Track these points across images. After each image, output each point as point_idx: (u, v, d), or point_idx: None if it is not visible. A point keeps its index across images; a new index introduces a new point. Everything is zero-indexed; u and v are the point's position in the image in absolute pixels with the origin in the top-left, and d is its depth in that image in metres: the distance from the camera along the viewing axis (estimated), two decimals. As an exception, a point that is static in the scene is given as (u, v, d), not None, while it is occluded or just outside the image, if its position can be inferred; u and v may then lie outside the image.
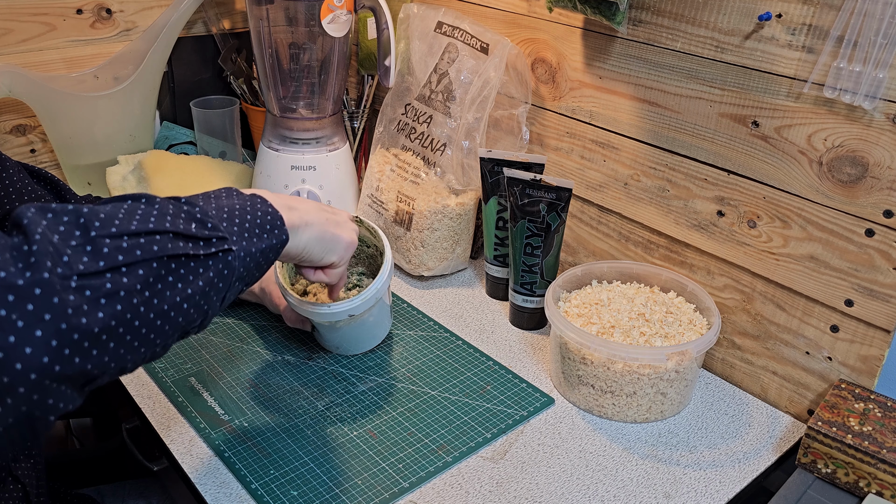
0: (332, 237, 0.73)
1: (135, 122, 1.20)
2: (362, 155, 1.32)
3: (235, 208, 0.61)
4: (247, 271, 0.60)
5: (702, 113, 0.86)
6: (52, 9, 1.14)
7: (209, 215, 0.57)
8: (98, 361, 0.47)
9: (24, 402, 0.43)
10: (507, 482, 0.75)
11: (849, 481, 0.73)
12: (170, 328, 0.53)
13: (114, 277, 0.48)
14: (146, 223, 0.52)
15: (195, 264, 0.54)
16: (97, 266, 0.47)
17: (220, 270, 0.56)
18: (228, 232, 0.58)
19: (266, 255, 0.62)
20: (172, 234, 0.53)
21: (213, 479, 0.74)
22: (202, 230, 0.56)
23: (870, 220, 0.75)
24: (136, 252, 0.50)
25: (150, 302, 0.50)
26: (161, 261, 0.51)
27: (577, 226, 1.06)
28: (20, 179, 0.80)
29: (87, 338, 0.46)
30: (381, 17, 1.08)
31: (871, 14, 0.68)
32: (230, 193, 0.63)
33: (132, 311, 0.49)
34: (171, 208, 0.55)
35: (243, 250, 0.59)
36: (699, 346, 0.80)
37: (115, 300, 0.48)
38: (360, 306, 0.82)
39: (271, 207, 0.64)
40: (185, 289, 0.53)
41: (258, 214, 0.62)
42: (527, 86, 1.04)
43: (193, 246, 0.54)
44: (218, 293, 0.57)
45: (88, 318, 0.46)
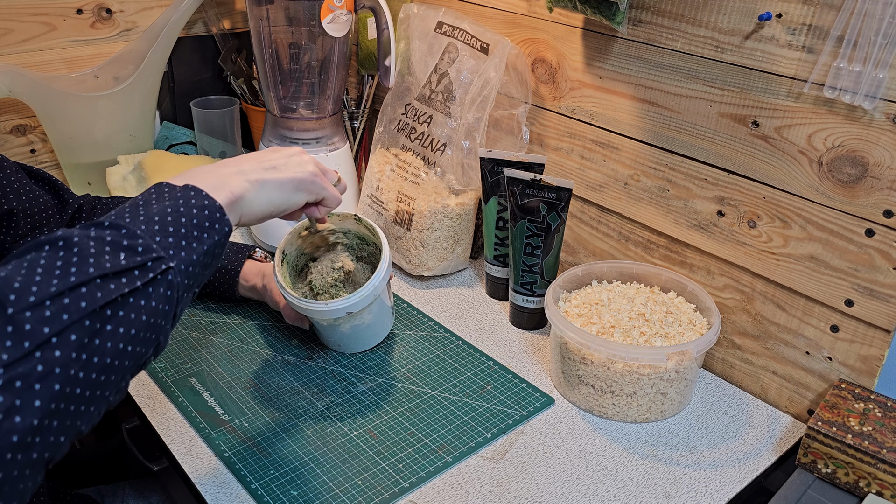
0: (291, 181, 0.67)
1: (135, 122, 1.20)
2: (362, 155, 1.32)
3: (167, 213, 0.55)
4: (192, 279, 0.55)
5: (702, 113, 0.86)
6: (52, 9, 1.14)
7: (137, 234, 0.52)
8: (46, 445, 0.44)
9: None
10: (507, 482, 0.75)
11: (849, 481, 0.73)
12: (116, 377, 0.49)
13: (44, 355, 0.43)
14: (67, 277, 0.46)
15: (134, 299, 0.49)
16: (22, 349, 0.43)
17: (163, 293, 0.52)
18: (163, 247, 0.53)
19: (212, 253, 0.57)
20: (100, 279, 0.48)
21: (213, 479, 0.74)
22: (133, 258, 0.50)
23: (870, 220, 0.75)
24: (63, 317, 0.45)
25: (89, 363, 0.46)
26: (93, 314, 0.46)
27: (577, 226, 1.06)
28: (18, 180, 0.80)
29: (28, 433, 0.42)
30: (381, 17, 1.08)
31: (871, 14, 0.68)
32: (160, 193, 0.57)
33: (71, 382, 0.45)
34: (92, 246, 0.49)
35: (183, 262, 0.54)
36: (699, 346, 0.80)
37: (50, 380, 0.43)
38: (358, 304, 0.83)
39: (207, 199, 0.58)
40: (128, 330, 0.49)
41: (193, 213, 0.56)
42: (527, 86, 1.04)
43: (128, 280, 0.49)
44: (165, 316, 0.52)
45: (23, 413, 0.42)
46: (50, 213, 0.83)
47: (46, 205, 0.83)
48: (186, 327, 0.95)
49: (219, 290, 0.98)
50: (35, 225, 0.82)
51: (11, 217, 0.79)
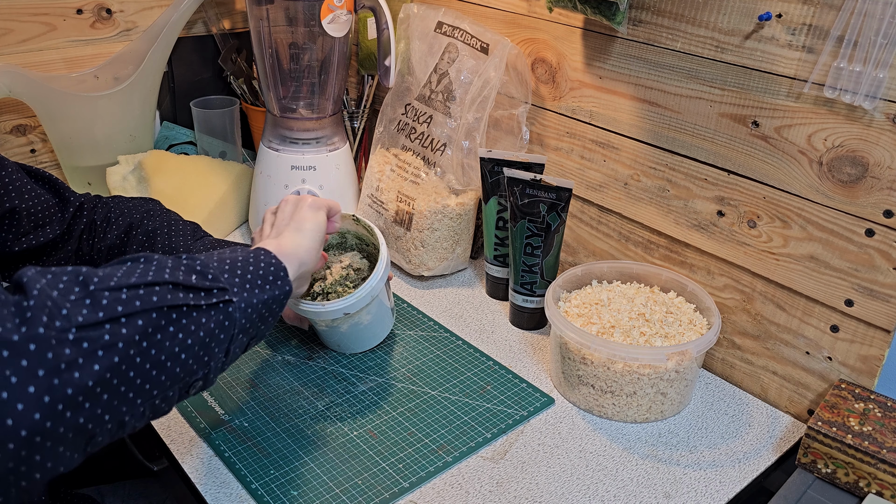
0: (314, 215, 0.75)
1: (135, 122, 1.20)
2: (362, 155, 1.32)
3: (238, 261, 0.62)
4: (250, 323, 0.60)
5: (702, 113, 0.86)
6: (52, 9, 1.14)
7: (209, 267, 0.58)
8: (91, 415, 0.47)
9: (11, 458, 0.43)
10: (507, 482, 0.75)
11: (849, 481, 0.73)
12: (166, 378, 0.53)
13: (113, 328, 0.48)
14: (146, 276, 0.53)
15: (196, 314, 0.55)
16: (96, 317, 0.48)
17: (221, 321, 0.57)
18: (229, 283, 0.59)
19: (269, 306, 0.63)
20: (172, 285, 0.54)
21: (213, 479, 0.74)
22: (202, 281, 0.56)
23: (870, 220, 0.75)
24: (136, 303, 0.51)
25: (148, 352, 0.51)
26: (160, 311, 0.52)
27: (577, 226, 1.06)
28: (19, 178, 0.80)
29: (81, 392, 0.46)
30: (381, 17, 1.08)
31: (871, 14, 0.68)
32: (234, 249, 0.64)
33: (128, 361, 0.49)
34: (170, 262, 0.56)
35: (244, 301, 0.59)
36: (699, 346, 0.80)
37: (113, 352, 0.48)
38: (356, 304, 0.83)
39: (274, 259, 0.65)
40: (184, 339, 0.54)
41: (261, 266, 0.63)
42: (527, 86, 1.04)
43: (194, 296, 0.55)
44: (220, 344, 0.57)
45: (83, 371, 0.46)
46: (51, 211, 0.83)
47: (47, 203, 0.83)
48: (186, 327, 0.95)
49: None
50: (37, 223, 0.82)
51: (13, 215, 0.79)
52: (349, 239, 0.93)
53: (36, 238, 0.82)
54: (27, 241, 0.81)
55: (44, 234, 0.82)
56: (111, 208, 0.88)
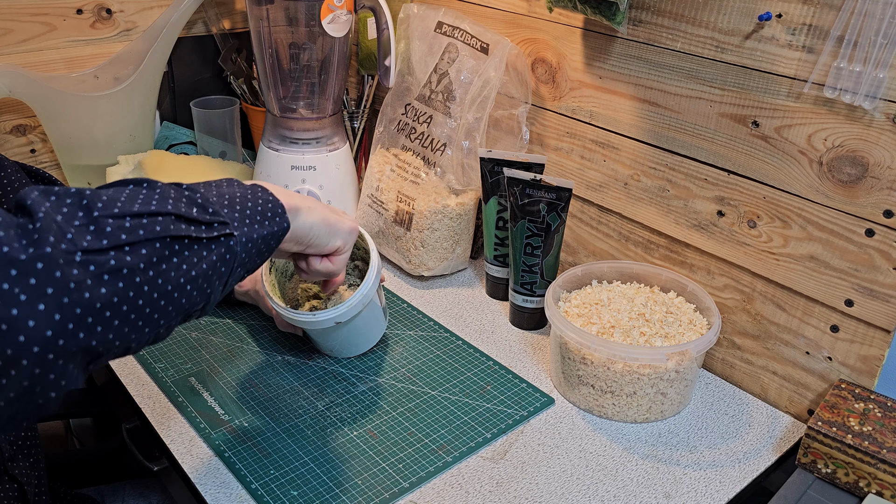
0: (336, 220, 0.73)
1: (135, 122, 1.20)
2: (362, 155, 1.32)
3: (237, 196, 0.61)
4: (248, 257, 0.61)
5: (702, 113, 0.86)
6: (52, 9, 1.14)
7: (210, 201, 0.58)
8: (102, 338, 0.47)
9: (26, 376, 0.43)
10: (507, 482, 0.75)
11: (849, 481, 0.73)
12: (173, 309, 0.53)
13: (117, 255, 0.48)
14: (148, 205, 0.53)
15: (198, 247, 0.55)
16: (101, 244, 0.48)
17: (223, 254, 0.57)
18: (230, 218, 0.59)
19: (267, 242, 0.63)
20: (175, 217, 0.54)
21: (213, 479, 0.74)
22: (203, 214, 0.56)
23: (870, 220, 0.75)
24: (140, 232, 0.50)
25: (154, 281, 0.51)
26: (164, 241, 0.52)
27: (577, 226, 1.06)
28: (18, 179, 0.80)
29: (90, 313, 0.46)
30: (381, 17, 1.08)
31: (871, 14, 0.68)
32: (231, 183, 0.64)
33: (135, 289, 0.49)
34: (172, 192, 0.55)
35: (245, 236, 0.59)
36: (699, 346, 0.80)
37: (119, 277, 0.48)
38: (347, 313, 0.82)
39: (272, 196, 0.64)
40: (189, 270, 0.54)
41: (259, 202, 0.62)
42: (527, 86, 1.04)
43: (196, 229, 0.55)
44: (220, 277, 0.57)
45: (91, 293, 0.46)
46: (50, 212, 0.83)
47: None
48: (186, 327, 0.95)
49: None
50: (35, 224, 0.82)
51: (12, 216, 0.79)
52: None
53: None
54: None
55: None
56: None
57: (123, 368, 0.88)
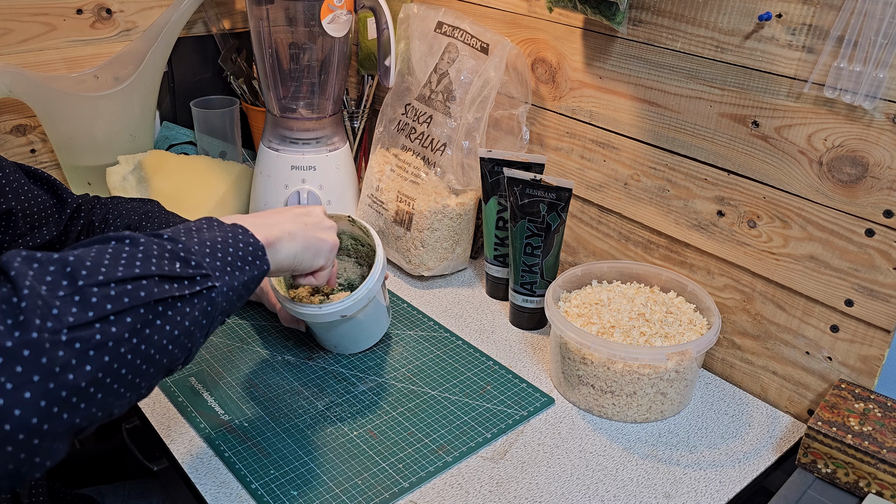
0: (317, 242, 0.74)
1: (135, 122, 1.20)
2: (362, 155, 1.32)
3: (217, 241, 0.61)
4: (229, 304, 0.61)
5: (702, 113, 0.86)
6: (52, 9, 1.13)
7: (192, 252, 0.58)
8: (86, 414, 0.48)
9: (11, 460, 0.44)
10: (507, 482, 0.75)
11: (849, 481, 0.73)
12: (154, 370, 0.53)
13: (103, 327, 0.48)
14: (132, 268, 0.52)
15: (181, 304, 0.55)
16: (86, 317, 0.48)
17: (205, 308, 0.57)
18: (211, 268, 0.58)
19: (248, 287, 0.63)
20: (158, 277, 0.53)
21: (213, 479, 0.74)
22: (186, 269, 0.56)
23: (870, 220, 0.75)
24: (125, 299, 0.50)
25: (138, 348, 0.51)
26: (148, 306, 0.52)
27: (577, 226, 1.06)
28: (16, 179, 0.80)
29: (76, 393, 0.46)
30: (381, 17, 1.08)
31: (871, 14, 0.68)
32: (211, 225, 0.63)
33: (119, 359, 0.49)
34: (155, 249, 0.55)
35: (226, 285, 0.59)
36: (699, 346, 0.80)
37: (104, 351, 0.48)
38: (352, 306, 0.82)
39: (252, 238, 0.64)
40: (171, 330, 0.54)
41: (240, 246, 0.62)
42: (527, 86, 1.04)
43: (179, 286, 0.55)
44: (202, 329, 0.58)
45: (76, 373, 0.46)
46: (48, 212, 0.83)
47: (45, 204, 0.83)
48: (186, 327, 0.95)
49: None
50: (34, 224, 0.82)
51: (10, 217, 0.79)
52: (344, 240, 0.93)
53: (32, 239, 0.82)
54: (24, 242, 0.81)
55: (40, 236, 0.82)
56: (109, 210, 0.88)
57: (123, 368, 0.88)
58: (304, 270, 0.75)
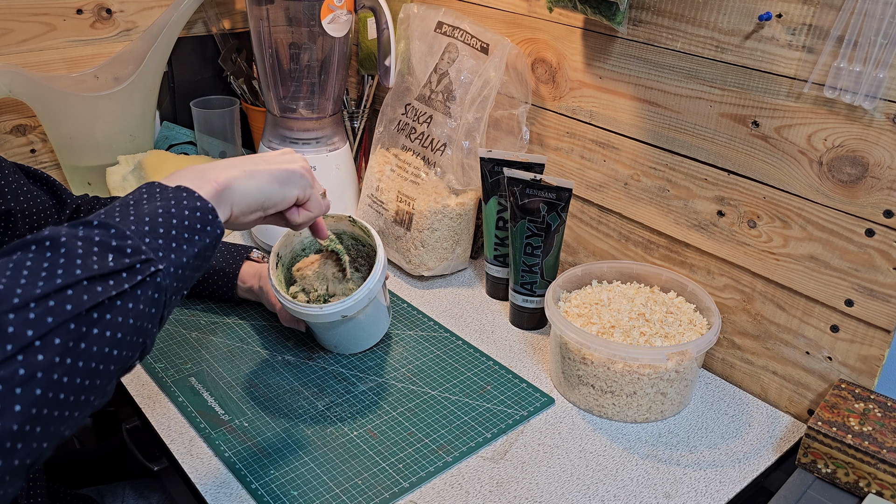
0: (284, 171, 0.66)
1: (135, 122, 1.20)
2: (362, 155, 1.32)
3: (158, 214, 0.54)
4: (181, 282, 0.54)
5: (702, 113, 0.86)
6: (52, 9, 1.14)
7: (127, 235, 0.51)
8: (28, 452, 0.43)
9: None
10: (507, 482, 0.75)
11: (849, 481, 0.73)
12: (102, 381, 0.48)
13: (26, 359, 0.42)
14: (53, 279, 0.45)
15: (122, 302, 0.48)
16: (5, 352, 0.42)
17: (151, 296, 0.51)
18: (152, 248, 0.52)
19: (201, 257, 0.56)
20: (87, 281, 0.47)
21: (213, 479, 0.74)
22: (121, 259, 0.49)
23: (870, 220, 0.75)
24: (48, 319, 0.44)
25: (74, 367, 0.45)
26: (79, 317, 0.45)
27: (577, 226, 1.06)
28: (16, 180, 0.80)
29: (8, 438, 0.41)
30: (381, 17, 1.08)
31: (871, 14, 0.68)
32: (152, 194, 0.56)
33: (54, 387, 0.44)
34: (80, 247, 0.48)
35: (173, 264, 0.53)
36: (699, 346, 0.80)
37: (32, 384, 0.42)
38: (353, 307, 0.82)
39: (199, 201, 0.56)
40: (114, 334, 0.47)
41: (185, 214, 0.55)
42: (527, 86, 1.04)
43: (115, 282, 0.48)
44: (152, 319, 0.51)
45: (3, 418, 0.41)
46: (48, 213, 0.83)
47: (44, 205, 0.83)
48: (186, 327, 0.95)
49: (217, 293, 0.98)
50: (33, 225, 0.82)
51: (9, 217, 0.79)
52: (345, 240, 0.93)
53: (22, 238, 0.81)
54: None
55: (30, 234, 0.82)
56: None
57: (123, 368, 0.88)
58: (280, 206, 0.67)
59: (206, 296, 0.99)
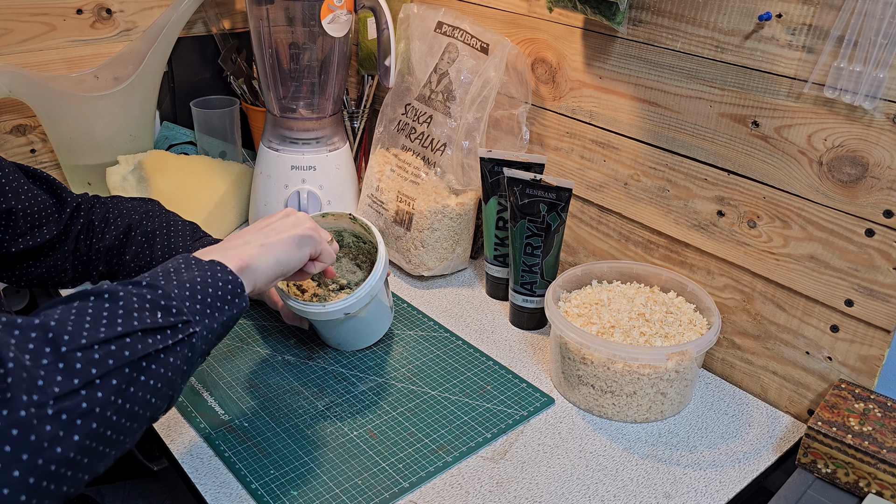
0: (292, 237, 0.72)
1: (135, 122, 1.20)
2: (362, 155, 1.32)
3: (197, 283, 0.60)
4: (207, 346, 0.61)
5: (702, 113, 0.86)
6: (52, 9, 1.14)
7: (172, 297, 0.57)
8: (73, 480, 0.48)
9: None
10: (507, 482, 0.75)
11: (849, 481, 0.73)
12: (138, 425, 0.54)
13: (88, 394, 0.48)
14: (114, 327, 0.52)
15: (164, 356, 0.55)
16: (72, 384, 0.47)
17: (185, 354, 0.57)
18: (191, 312, 0.58)
19: (226, 326, 0.63)
20: (141, 332, 0.53)
21: (213, 479, 0.74)
22: (168, 318, 0.56)
23: (870, 220, 0.75)
24: (109, 361, 0.50)
25: (123, 408, 0.51)
26: (133, 363, 0.52)
27: (577, 226, 1.06)
28: (15, 179, 0.80)
29: (64, 465, 0.46)
30: (381, 17, 1.08)
31: (871, 14, 0.68)
32: (189, 264, 0.63)
33: (105, 423, 0.49)
34: (135, 301, 0.55)
35: (206, 328, 0.59)
36: (699, 346, 0.80)
37: (91, 418, 0.48)
38: (355, 304, 0.83)
39: (231, 275, 0.63)
40: (155, 383, 0.54)
41: (219, 286, 0.62)
42: (527, 86, 1.04)
43: (162, 338, 0.55)
44: (183, 376, 0.58)
45: (64, 445, 0.46)
46: (48, 212, 0.83)
47: (44, 204, 0.83)
48: (186, 327, 0.95)
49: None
50: (33, 224, 0.82)
51: (10, 216, 0.79)
52: (346, 237, 0.93)
53: (33, 239, 0.82)
54: (24, 241, 0.81)
55: (40, 235, 0.82)
56: (110, 209, 0.88)
57: (123, 368, 0.88)
58: (294, 268, 0.73)
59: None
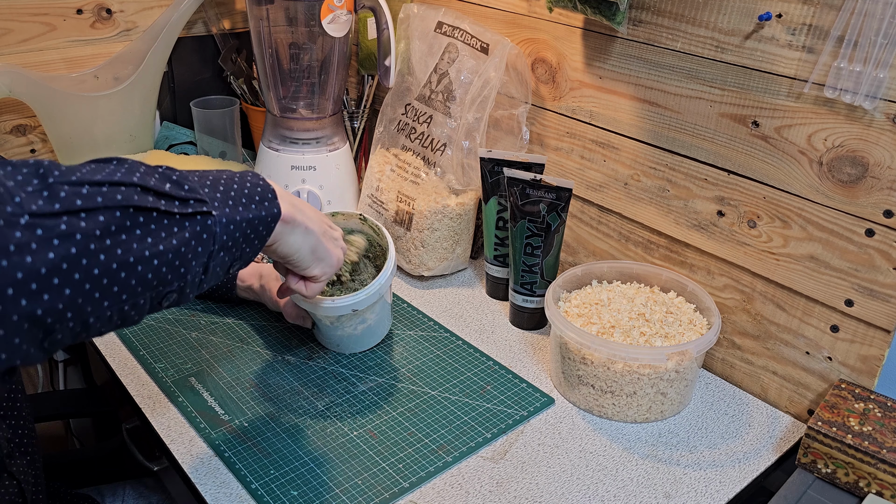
0: (325, 250, 0.71)
1: (135, 122, 1.20)
2: (362, 155, 1.32)
3: (221, 178, 0.58)
4: (232, 241, 0.57)
5: (702, 113, 0.86)
6: (52, 9, 1.14)
7: (189, 180, 0.55)
8: (49, 307, 0.44)
9: None
10: (507, 482, 0.75)
11: (849, 481, 0.73)
12: (136, 283, 0.50)
13: (70, 220, 0.45)
14: (112, 175, 0.50)
15: (168, 221, 0.51)
16: (52, 208, 0.45)
17: (199, 233, 0.54)
18: (209, 197, 0.55)
19: (255, 227, 0.59)
20: (141, 188, 0.50)
21: (213, 479, 0.74)
22: (177, 190, 0.53)
23: (870, 220, 0.75)
24: (97, 199, 0.47)
25: (112, 250, 0.47)
26: (125, 210, 0.49)
27: (577, 226, 1.06)
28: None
29: (33, 278, 0.43)
30: (381, 17, 1.08)
31: (871, 14, 0.68)
32: (221, 171, 0.60)
33: (88, 255, 0.46)
34: (143, 168, 0.52)
35: (225, 217, 0.56)
36: (699, 346, 0.80)
37: (69, 242, 0.45)
38: (364, 301, 0.83)
39: (263, 181, 0.61)
40: (155, 244, 0.50)
41: (247, 185, 0.59)
42: (527, 86, 1.04)
43: (166, 203, 0.52)
44: (197, 258, 0.54)
45: (35, 256, 0.43)
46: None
47: None
48: (186, 327, 0.95)
49: (217, 292, 0.98)
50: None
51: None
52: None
53: None
54: None
55: None
56: None
57: (123, 368, 0.88)
58: (297, 270, 0.71)
59: (206, 295, 0.99)
